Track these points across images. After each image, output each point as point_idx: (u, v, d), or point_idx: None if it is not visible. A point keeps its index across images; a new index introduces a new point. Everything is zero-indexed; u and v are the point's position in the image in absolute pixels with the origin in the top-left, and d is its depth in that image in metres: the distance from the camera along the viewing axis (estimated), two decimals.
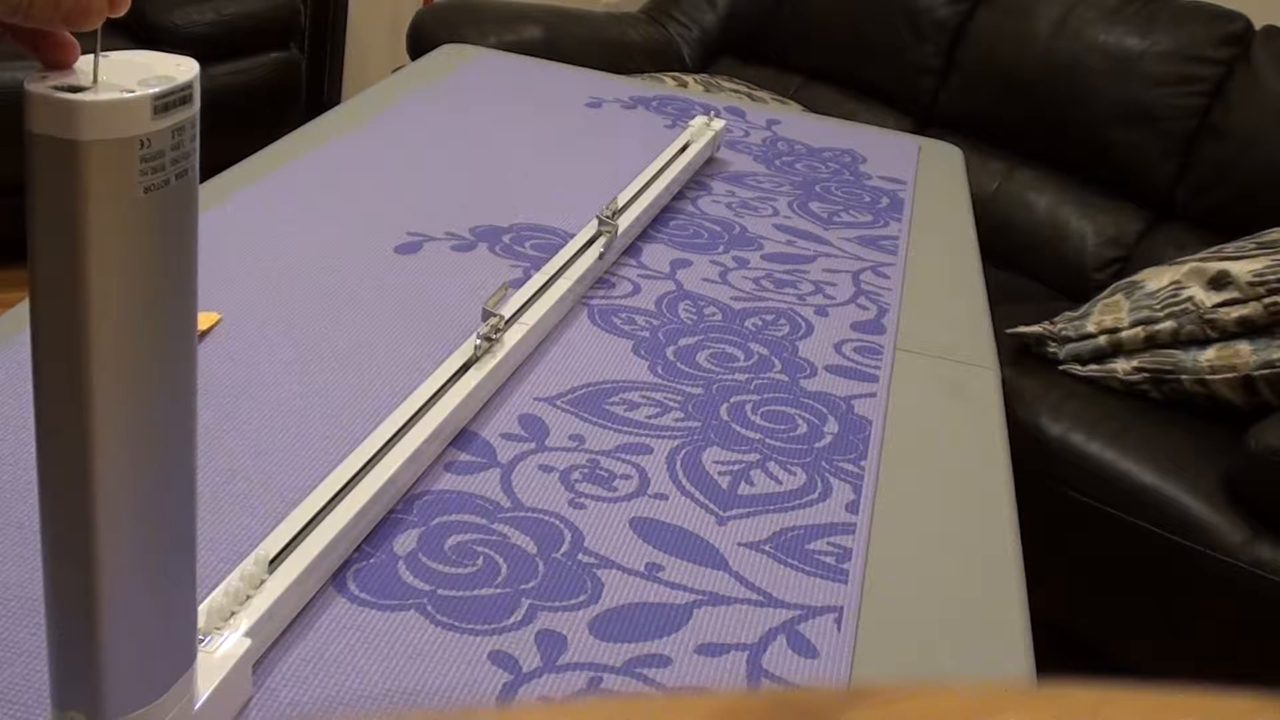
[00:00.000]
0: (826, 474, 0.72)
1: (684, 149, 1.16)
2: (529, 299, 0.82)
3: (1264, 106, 2.06)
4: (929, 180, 1.31)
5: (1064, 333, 1.77)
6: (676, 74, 2.40)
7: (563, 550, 0.62)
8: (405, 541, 0.60)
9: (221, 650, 0.48)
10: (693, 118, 1.32)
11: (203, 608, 0.49)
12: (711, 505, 0.67)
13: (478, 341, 0.74)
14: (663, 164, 1.10)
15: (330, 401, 0.71)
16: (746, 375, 0.82)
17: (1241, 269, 1.60)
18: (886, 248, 1.08)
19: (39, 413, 0.37)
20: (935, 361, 0.89)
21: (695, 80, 2.34)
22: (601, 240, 0.92)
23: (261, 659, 0.52)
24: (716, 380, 0.81)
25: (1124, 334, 1.70)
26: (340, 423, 0.69)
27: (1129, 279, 1.81)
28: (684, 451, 0.72)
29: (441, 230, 0.96)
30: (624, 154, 1.21)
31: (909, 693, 0.15)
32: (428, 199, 1.02)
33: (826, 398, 0.81)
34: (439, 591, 0.57)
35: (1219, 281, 1.62)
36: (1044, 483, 1.64)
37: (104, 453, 0.36)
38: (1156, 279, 1.73)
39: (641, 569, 0.61)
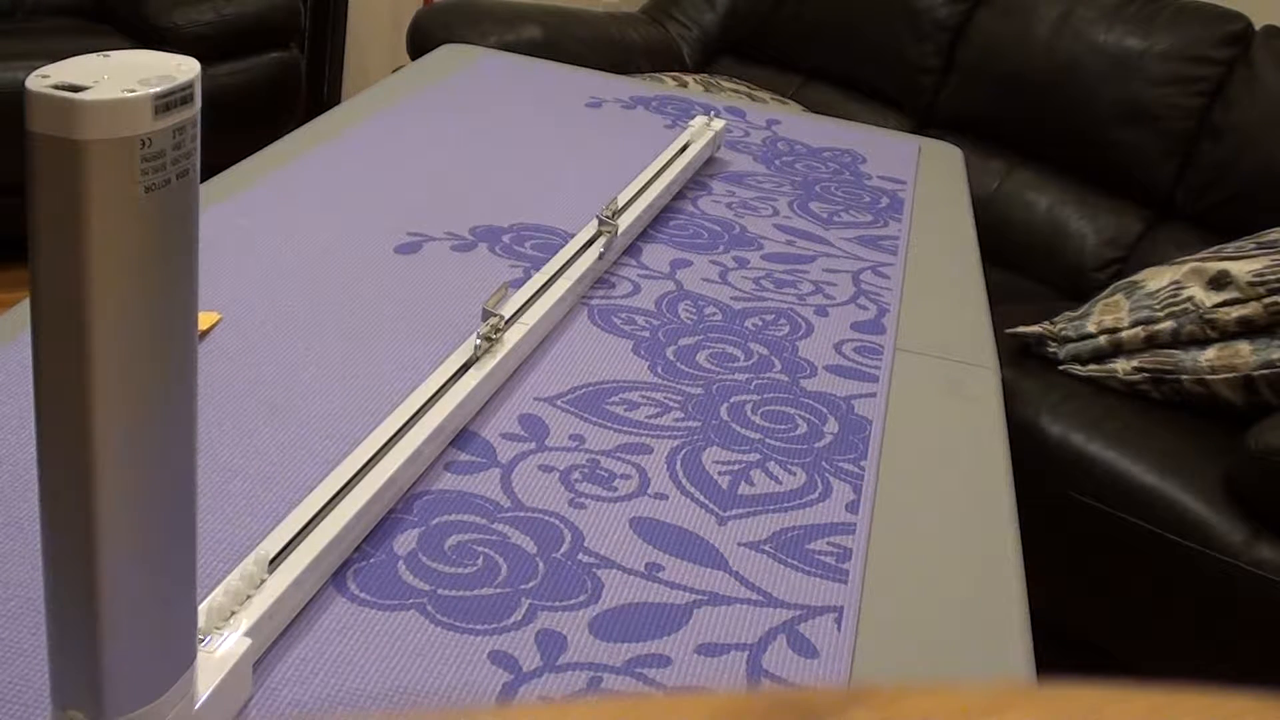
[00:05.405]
0: (826, 474, 0.72)
1: (684, 149, 1.16)
2: (529, 299, 0.82)
3: (1264, 106, 2.06)
4: (929, 180, 1.31)
5: (1064, 333, 1.78)
6: (676, 74, 2.40)
7: (563, 550, 0.62)
8: (405, 541, 0.60)
9: (221, 650, 0.48)
10: (693, 118, 1.32)
11: (203, 608, 0.49)
12: (711, 505, 0.67)
13: (478, 341, 0.74)
14: (663, 164, 1.10)
15: (330, 401, 0.71)
16: (746, 375, 0.82)
17: (1241, 269, 1.60)
18: (886, 248, 1.08)
19: (39, 412, 0.37)
20: (935, 361, 0.89)
21: (695, 80, 2.34)
22: (601, 240, 0.92)
23: (261, 659, 0.52)
24: (716, 380, 0.81)
25: (1124, 334, 1.70)
26: (340, 423, 0.69)
27: (1129, 279, 1.81)
28: (684, 451, 0.72)
29: (441, 230, 0.97)
30: (624, 154, 1.21)
31: (909, 693, 0.15)
32: (428, 199, 1.02)
33: (826, 398, 0.81)
34: (439, 591, 0.57)
35: (1219, 281, 1.63)
36: (1044, 483, 1.64)
37: (104, 452, 0.36)
38: (1156, 279, 1.73)
39: (641, 569, 0.61)
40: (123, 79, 0.34)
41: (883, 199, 1.21)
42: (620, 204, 0.99)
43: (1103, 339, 1.72)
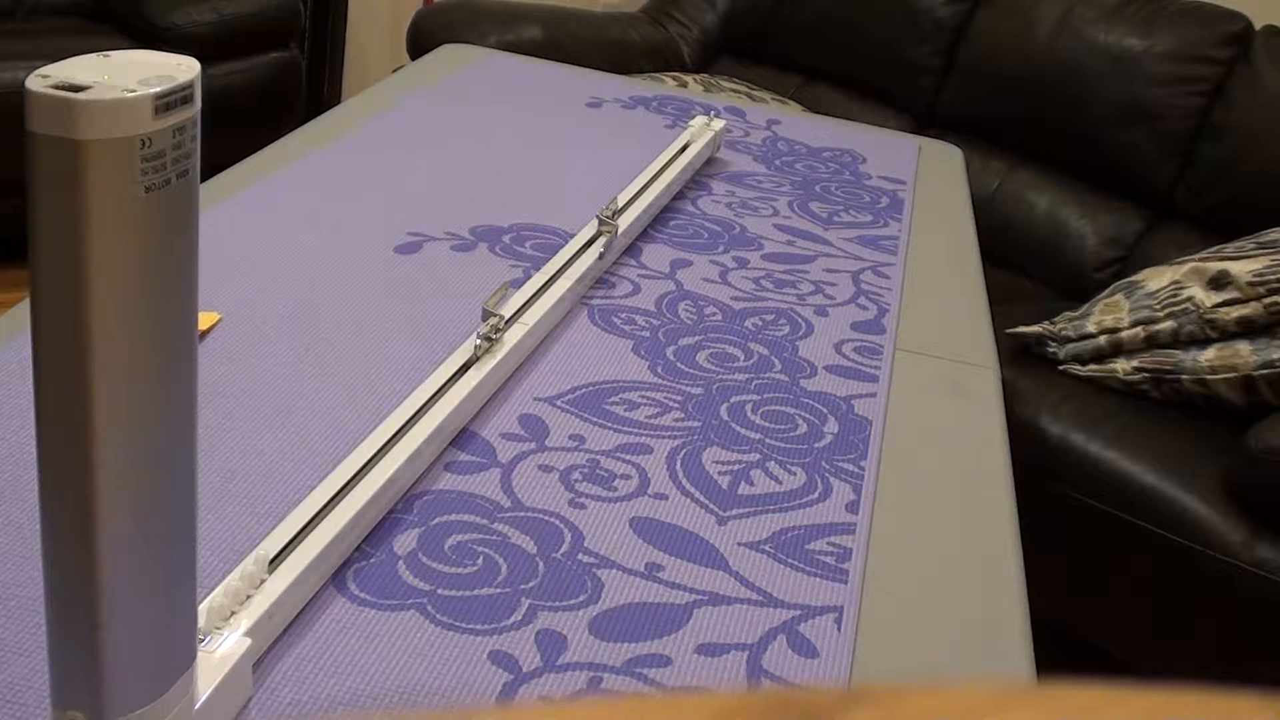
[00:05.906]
0: (826, 474, 0.72)
1: (684, 149, 1.16)
2: (529, 299, 0.82)
3: (1264, 106, 2.06)
4: (929, 180, 1.31)
5: (1064, 333, 1.78)
6: (676, 74, 2.40)
7: (563, 550, 0.62)
8: (405, 541, 0.60)
9: (221, 650, 0.48)
10: (693, 118, 1.32)
11: (203, 608, 0.49)
12: (711, 505, 0.67)
13: (478, 341, 0.74)
14: (663, 164, 1.10)
15: (330, 401, 0.71)
16: (746, 375, 0.82)
17: (1241, 269, 1.60)
18: (886, 248, 1.08)
19: (39, 413, 0.36)
20: (935, 361, 0.89)
21: (695, 80, 2.34)
22: (601, 240, 0.92)
23: (261, 659, 0.52)
24: (716, 380, 0.81)
25: (1124, 334, 1.70)
26: (340, 423, 0.69)
27: (1129, 279, 1.81)
28: (684, 451, 0.72)
29: (441, 230, 0.97)
30: (624, 154, 1.21)
31: (909, 693, 0.15)
32: (428, 199, 1.02)
33: (826, 398, 0.81)
34: (439, 591, 0.57)
35: (1219, 281, 1.63)
36: (1044, 483, 1.64)
37: (104, 452, 0.36)
38: (1156, 279, 1.73)
39: (641, 569, 0.61)
40: (123, 79, 0.34)
41: (883, 199, 1.21)
42: (620, 204, 0.99)
43: (1103, 339, 1.72)
